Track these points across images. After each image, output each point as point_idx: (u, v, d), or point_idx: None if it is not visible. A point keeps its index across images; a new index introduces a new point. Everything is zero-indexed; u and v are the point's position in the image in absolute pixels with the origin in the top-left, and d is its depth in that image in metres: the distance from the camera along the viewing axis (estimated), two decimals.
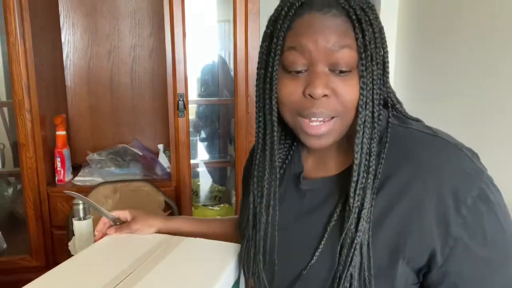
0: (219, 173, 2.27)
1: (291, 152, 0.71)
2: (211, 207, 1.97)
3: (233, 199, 1.98)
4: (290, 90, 0.58)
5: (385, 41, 0.59)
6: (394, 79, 1.83)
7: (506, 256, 0.57)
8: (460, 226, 0.54)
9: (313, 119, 0.57)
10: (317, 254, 0.61)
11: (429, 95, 1.65)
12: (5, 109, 1.95)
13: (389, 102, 0.63)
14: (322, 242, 0.60)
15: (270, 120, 0.61)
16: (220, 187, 2.15)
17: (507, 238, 0.57)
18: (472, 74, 1.39)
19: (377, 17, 0.57)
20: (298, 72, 0.57)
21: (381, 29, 0.58)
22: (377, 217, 0.58)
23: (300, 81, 0.57)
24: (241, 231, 0.76)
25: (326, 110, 0.56)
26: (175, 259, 0.74)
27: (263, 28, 0.63)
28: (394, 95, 0.65)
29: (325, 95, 0.56)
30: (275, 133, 0.62)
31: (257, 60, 0.64)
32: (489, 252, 0.56)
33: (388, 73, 0.60)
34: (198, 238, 0.84)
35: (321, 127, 0.57)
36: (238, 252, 0.76)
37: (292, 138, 0.70)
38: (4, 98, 1.94)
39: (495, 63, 1.28)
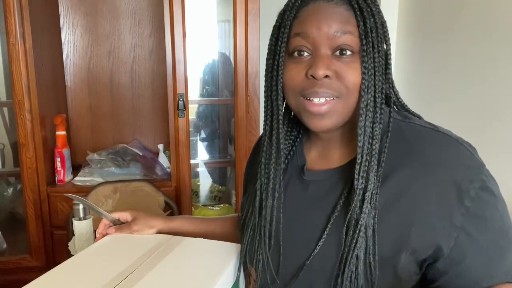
0: (219, 173, 2.27)
1: (295, 146, 0.73)
2: (211, 207, 1.97)
3: (233, 199, 1.98)
4: (294, 73, 0.61)
5: (388, 35, 0.61)
6: (394, 78, 1.83)
7: (508, 245, 0.58)
8: (463, 216, 0.56)
9: (315, 99, 0.59)
10: (320, 243, 0.62)
11: (428, 93, 1.65)
12: (5, 109, 1.94)
13: (392, 98, 0.65)
14: (326, 232, 0.62)
15: (276, 105, 0.64)
16: (220, 187, 2.15)
17: (506, 227, 0.59)
18: (472, 72, 1.39)
19: (379, 11, 0.60)
20: (302, 54, 0.60)
21: (383, 23, 0.60)
22: (382, 208, 0.59)
23: (304, 64, 0.60)
24: (240, 226, 0.76)
25: (328, 90, 0.58)
26: (175, 259, 0.74)
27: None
28: (397, 92, 0.67)
29: (326, 76, 0.58)
30: (281, 117, 0.64)
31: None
32: (491, 241, 0.57)
33: (390, 65, 0.62)
34: (198, 238, 0.84)
35: (323, 105, 0.59)
36: (239, 251, 0.76)
37: (296, 132, 0.73)
38: (4, 98, 1.93)
39: (495, 61, 1.28)
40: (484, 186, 0.57)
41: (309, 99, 0.60)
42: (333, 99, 0.59)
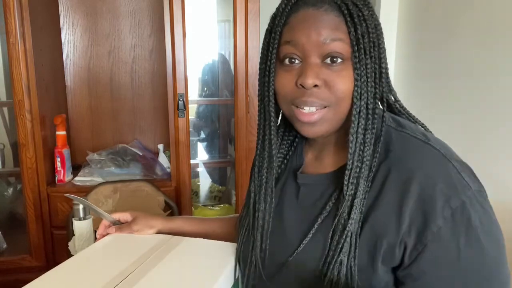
0: (219, 173, 2.27)
1: (294, 146, 0.73)
2: (211, 207, 1.97)
3: (233, 199, 1.98)
4: (284, 81, 0.61)
5: (382, 37, 0.60)
6: (394, 81, 1.83)
7: (478, 285, 0.54)
8: (432, 235, 0.53)
9: (305, 108, 0.59)
10: (302, 244, 0.62)
11: (429, 92, 1.65)
12: (5, 109, 1.95)
13: (390, 100, 0.64)
14: (309, 235, 0.62)
15: (268, 111, 0.64)
16: (220, 187, 2.15)
17: (485, 265, 0.54)
18: (473, 71, 1.39)
19: (372, 14, 0.59)
20: (292, 63, 0.60)
21: (376, 26, 0.59)
22: (363, 215, 0.58)
23: (294, 72, 0.60)
24: (240, 223, 0.76)
25: (317, 99, 0.58)
26: (174, 259, 0.74)
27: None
28: (394, 94, 0.66)
29: (315, 86, 0.58)
30: (273, 123, 0.65)
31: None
32: (456, 273, 0.54)
33: (384, 68, 0.61)
34: (198, 238, 0.84)
35: (313, 115, 0.59)
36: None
37: (294, 133, 0.72)
38: (4, 98, 1.93)
39: (496, 59, 1.28)
40: (463, 208, 0.53)
41: (299, 108, 0.60)
42: (324, 107, 0.59)
